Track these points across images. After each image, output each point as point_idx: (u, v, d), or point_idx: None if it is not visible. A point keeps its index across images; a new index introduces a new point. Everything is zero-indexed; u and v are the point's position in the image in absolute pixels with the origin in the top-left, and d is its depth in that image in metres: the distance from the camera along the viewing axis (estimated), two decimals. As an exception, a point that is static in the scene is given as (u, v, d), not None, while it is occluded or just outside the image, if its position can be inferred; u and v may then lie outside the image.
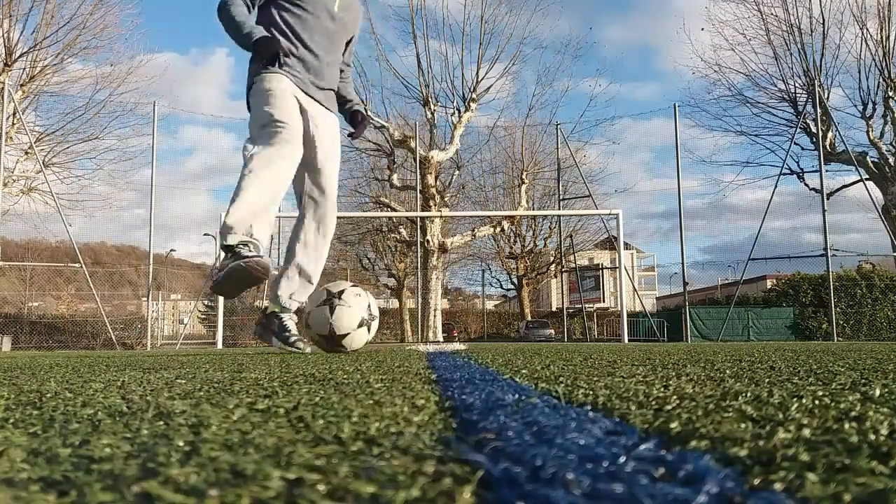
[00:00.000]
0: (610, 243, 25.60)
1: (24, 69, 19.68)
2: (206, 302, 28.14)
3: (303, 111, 3.50)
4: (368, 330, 3.57)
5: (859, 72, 20.51)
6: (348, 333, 3.47)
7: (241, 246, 3.09)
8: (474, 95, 22.51)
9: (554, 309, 37.98)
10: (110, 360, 2.86)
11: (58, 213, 15.76)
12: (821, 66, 20.53)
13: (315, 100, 3.57)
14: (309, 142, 3.53)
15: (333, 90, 3.73)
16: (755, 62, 22.10)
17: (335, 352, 3.49)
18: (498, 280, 37.23)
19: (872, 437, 0.51)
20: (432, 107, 22.91)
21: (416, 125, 20.17)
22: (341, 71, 3.83)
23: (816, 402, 0.75)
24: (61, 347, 18.45)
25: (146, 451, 0.49)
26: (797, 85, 21.13)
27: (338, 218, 3.82)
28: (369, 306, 3.61)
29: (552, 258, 32.41)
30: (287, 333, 3.56)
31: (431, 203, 21.65)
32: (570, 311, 25.58)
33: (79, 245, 16.39)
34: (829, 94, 20.01)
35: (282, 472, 0.40)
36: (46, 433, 0.59)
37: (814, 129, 18.34)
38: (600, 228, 28.48)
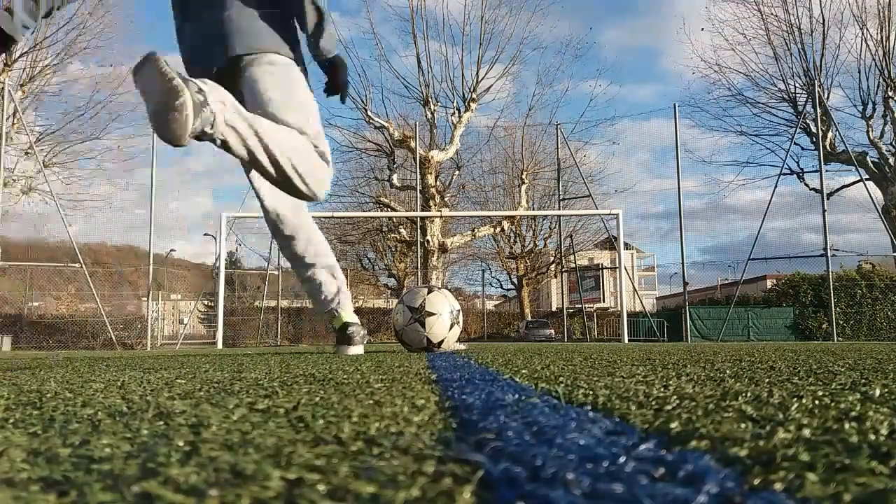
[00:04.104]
0: (610, 243, 25.59)
1: (24, 69, 19.70)
2: (206, 302, 28.12)
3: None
4: (458, 325, 3.97)
5: (859, 72, 20.54)
6: (444, 339, 3.87)
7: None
8: (474, 95, 22.51)
9: (554, 309, 37.92)
10: (110, 360, 2.86)
11: (58, 213, 15.77)
12: (821, 66, 20.54)
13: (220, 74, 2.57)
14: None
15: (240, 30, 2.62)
16: (755, 62, 22.13)
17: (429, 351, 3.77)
18: (498, 280, 37.24)
19: (872, 437, 0.51)
20: (432, 107, 22.91)
21: (416, 125, 20.16)
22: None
23: (816, 402, 0.75)
24: (61, 347, 18.43)
25: (146, 451, 0.49)
26: (797, 85, 21.15)
27: (338, 218, 3.69)
28: (451, 305, 3.95)
29: (552, 258, 32.38)
30: (362, 334, 3.36)
31: (431, 203, 21.64)
32: (570, 311, 25.57)
33: (79, 245, 16.40)
34: (829, 94, 20.01)
35: (282, 472, 0.40)
36: (46, 433, 0.59)
37: (814, 129, 18.34)
38: (600, 228, 28.48)
